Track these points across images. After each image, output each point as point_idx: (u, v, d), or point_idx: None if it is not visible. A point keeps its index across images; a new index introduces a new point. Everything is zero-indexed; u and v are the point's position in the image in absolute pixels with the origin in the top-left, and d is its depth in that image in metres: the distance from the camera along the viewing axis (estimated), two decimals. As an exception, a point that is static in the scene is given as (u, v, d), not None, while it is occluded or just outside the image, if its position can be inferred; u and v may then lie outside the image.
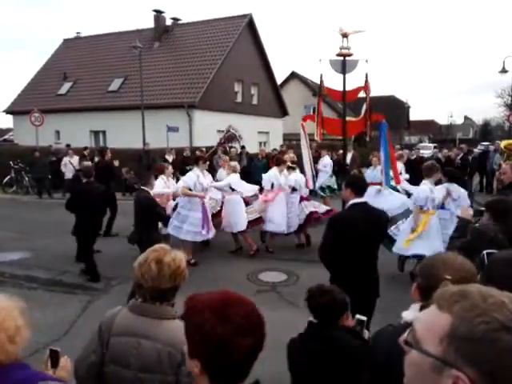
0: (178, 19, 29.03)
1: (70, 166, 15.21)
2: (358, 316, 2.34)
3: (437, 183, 7.17)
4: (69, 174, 15.07)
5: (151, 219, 6.60)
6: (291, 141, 26.57)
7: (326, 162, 13.40)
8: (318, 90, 7.32)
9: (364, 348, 2.11)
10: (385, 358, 1.55)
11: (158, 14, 28.06)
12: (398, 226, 7.74)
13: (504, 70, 20.97)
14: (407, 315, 1.96)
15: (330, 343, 2.20)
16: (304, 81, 40.29)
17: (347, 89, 6.93)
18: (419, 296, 1.97)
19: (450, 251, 4.14)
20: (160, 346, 2.08)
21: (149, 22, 29.64)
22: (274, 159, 9.80)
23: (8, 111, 29.02)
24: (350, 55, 6.65)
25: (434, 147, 39.09)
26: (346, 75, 6.74)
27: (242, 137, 20.14)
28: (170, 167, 9.33)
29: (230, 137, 19.42)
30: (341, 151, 13.71)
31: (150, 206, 6.59)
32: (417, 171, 12.62)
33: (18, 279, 7.53)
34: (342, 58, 6.68)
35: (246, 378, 1.30)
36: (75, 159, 15.22)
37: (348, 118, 7.14)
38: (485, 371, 0.81)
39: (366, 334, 2.25)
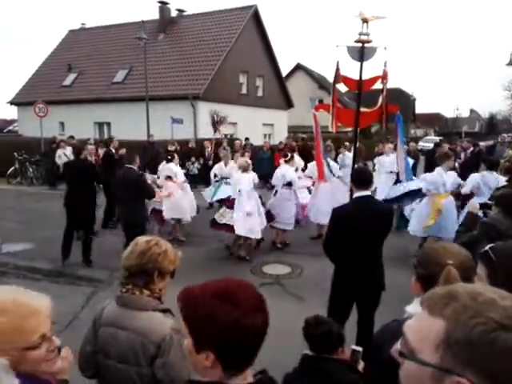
0: (182, 10, 28.96)
1: (64, 157, 15.10)
2: (353, 347, 2.32)
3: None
4: None
5: (140, 196, 7.10)
6: (296, 133, 26.48)
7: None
8: (333, 79, 6.98)
9: (359, 382, 2.09)
10: (390, 354, 1.52)
11: (163, 5, 27.96)
12: (412, 207, 8.37)
13: (511, 63, 20.72)
14: (411, 309, 1.93)
15: (325, 377, 2.18)
16: (309, 73, 40.11)
17: (363, 78, 6.68)
18: (420, 288, 1.94)
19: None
20: (134, 336, 2.08)
21: (154, 14, 29.64)
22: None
23: (12, 102, 29.08)
24: (369, 42, 6.38)
25: (440, 140, 38.95)
26: (363, 64, 6.50)
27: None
28: (177, 157, 9.53)
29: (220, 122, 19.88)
30: (347, 143, 13.59)
31: (140, 182, 7.10)
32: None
33: (21, 270, 7.54)
34: (360, 45, 6.40)
35: (254, 359, 1.32)
36: (68, 150, 15.20)
37: (362, 109, 6.89)
38: (486, 374, 0.78)
39: (361, 365, 2.23)
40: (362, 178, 4.14)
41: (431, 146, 24.62)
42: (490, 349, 0.78)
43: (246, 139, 18.28)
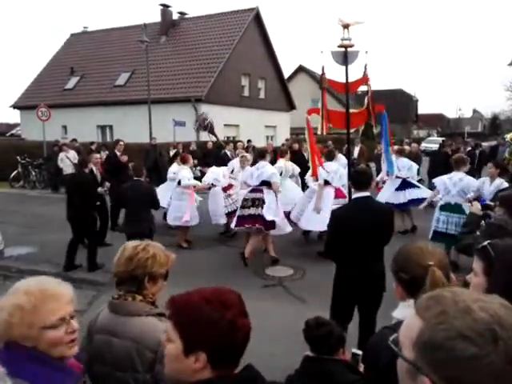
0: (184, 13, 29.09)
1: (66, 160, 15.10)
2: (353, 350, 2.31)
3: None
4: (67, 169, 14.69)
5: (150, 207, 7.01)
6: (298, 135, 26.47)
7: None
8: (319, 82, 7.19)
9: (360, 382, 2.08)
10: (388, 361, 1.52)
11: (165, 8, 28.07)
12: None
13: (513, 63, 20.69)
14: (397, 314, 1.95)
15: (326, 378, 2.18)
16: (311, 74, 40.14)
17: (349, 80, 6.87)
18: (404, 293, 1.94)
19: (463, 247, 4.09)
20: (128, 343, 2.04)
21: (156, 17, 29.80)
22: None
23: (15, 106, 29.22)
24: (351, 46, 6.58)
25: (443, 141, 38.91)
26: (350, 67, 6.69)
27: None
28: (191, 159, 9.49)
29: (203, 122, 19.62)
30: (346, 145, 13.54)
31: (154, 195, 7.07)
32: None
33: (24, 274, 7.50)
34: (343, 50, 6.61)
35: (239, 362, 1.38)
36: (71, 153, 15.20)
37: (351, 110, 7.02)
38: (446, 378, 0.82)
39: (361, 368, 2.22)
40: (361, 179, 4.13)
41: (434, 146, 24.80)
42: (448, 355, 0.82)
43: (249, 141, 18.28)
